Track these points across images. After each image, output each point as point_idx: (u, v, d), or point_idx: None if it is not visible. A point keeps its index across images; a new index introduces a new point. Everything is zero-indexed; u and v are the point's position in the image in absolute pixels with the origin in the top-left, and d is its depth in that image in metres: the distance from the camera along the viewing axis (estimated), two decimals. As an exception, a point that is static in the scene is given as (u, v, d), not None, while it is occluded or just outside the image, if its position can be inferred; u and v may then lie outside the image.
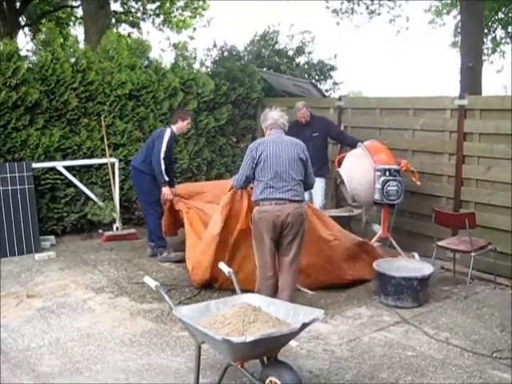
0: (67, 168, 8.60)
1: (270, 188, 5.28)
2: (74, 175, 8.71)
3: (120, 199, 9.01)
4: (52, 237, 8.54)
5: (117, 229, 8.85)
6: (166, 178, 7.37)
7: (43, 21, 19.07)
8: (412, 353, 4.94)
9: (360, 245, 6.52)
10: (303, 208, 5.46)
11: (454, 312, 5.87)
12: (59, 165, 8.51)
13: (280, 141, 5.47)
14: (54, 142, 8.49)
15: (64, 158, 8.68)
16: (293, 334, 3.75)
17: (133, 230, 8.88)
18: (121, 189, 9.11)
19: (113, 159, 8.92)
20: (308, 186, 5.65)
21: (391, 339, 5.21)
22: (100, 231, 8.92)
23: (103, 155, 8.90)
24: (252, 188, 5.61)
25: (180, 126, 7.74)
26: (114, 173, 8.89)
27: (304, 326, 3.68)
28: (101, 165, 8.97)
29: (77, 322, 5.57)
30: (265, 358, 3.94)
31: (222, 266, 4.89)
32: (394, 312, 5.84)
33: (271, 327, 3.74)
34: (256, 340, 3.45)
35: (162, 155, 7.36)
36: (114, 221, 8.86)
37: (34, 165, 8.21)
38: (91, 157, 8.89)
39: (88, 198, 8.86)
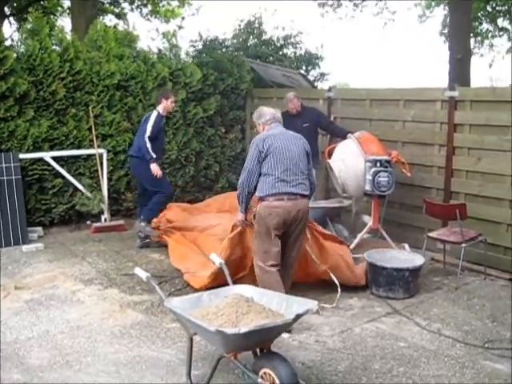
0: (55, 159, 8.50)
1: (281, 182, 5.09)
2: (62, 166, 8.61)
3: (108, 190, 8.93)
4: (40, 228, 8.46)
5: (105, 220, 8.78)
6: (153, 155, 7.58)
7: (29, 10, 18.86)
8: (404, 344, 4.93)
9: None
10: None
11: (445, 303, 5.87)
12: (47, 155, 8.41)
13: (286, 133, 5.35)
14: (42, 132, 8.39)
15: (51, 148, 8.57)
16: (286, 325, 3.73)
17: (121, 222, 8.82)
18: (109, 180, 9.02)
19: (101, 150, 8.83)
20: (311, 184, 5.37)
21: (383, 330, 5.20)
22: (88, 222, 8.83)
23: (91, 146, 8.81)
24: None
25: (165, 105, 7.89)
26: (102, 164, 8.81)
27: (298, 317, 3.64)
28: (89, 155, 8.88)
29: (66, 314, 5.51)
30: (258, 350, 3.91)
31: (214, 257, 4.84)
32: (386, 303, 5.82)
33: (265, 318, 3.70)
34: (250, 331, 3.41)
35: (148, 134, 7.58)
36: (102, 212, 8.78)
37: (22, 155, 8.11)
38: (79, 147, 8.80)
39: (76, 189, 8.76)
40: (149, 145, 7.56)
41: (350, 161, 7.04)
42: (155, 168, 7.59)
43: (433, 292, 6.19)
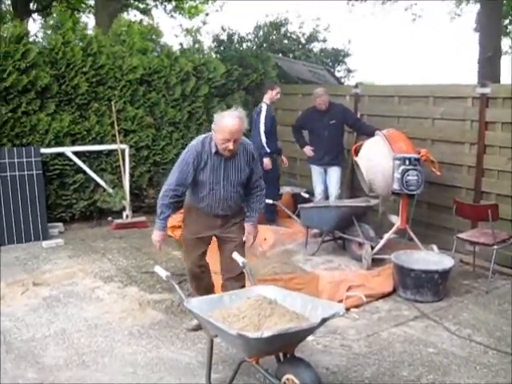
0: (76, 154, 8.41)
1: None
2: (84, 161, 8.52)
3: (130, 186, 8.81)
4: (60, 224, 8.37)
5: (126, 217, 8.66)
6: (268, 150, 8.00)
7: (54, 5, 18.85)
8: (433, 350, 4.72)
9: None
10: None
11: (476, 307, 5.64)
12: (68, 150, 8.32)
13: None
14: (64, 127, 8.30)
15: (73, 143, 8.49)
16: (312, 330, 3.54)
17: (143, 218, 8.70)
18: (131, 176, 8.91)
19: (123, 145, 8.72)
20: None
21: (411, 335, 4.99)
22: (109, 219, 8.73)
23: (113, 141, 8.70)
24: None
25: (270, 95, 8.29)
26: (124, 159, 8.69)
27: (323, 321, 3.45)
28: (111, 151, 8.77)
29: (84, 312, 5.40)
30: (281, 354, 3.73)
31: (236, 256, 4.67)
32: (414, 306, 5.62)
33: (289, 321, 3.52)
34: (273, 335, 3.23)
35: (263, 128, 8.00)
36: (123, 208, 8.67)
37: (43, 150, 8.02)
38: (101, 143, 8.69)
39: (97, 185, 8.67)
40: (264, 139, 7.96)
41: (377, 159, 6.83)
42: (267, 162, 7.91)
43: (462, 296, 5.96)
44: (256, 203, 4.87)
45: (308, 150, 8.08)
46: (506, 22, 19.07)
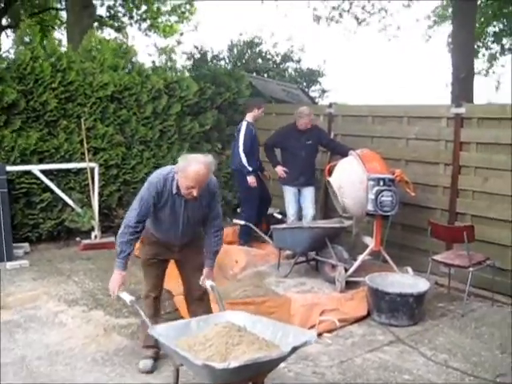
0: (44, 172, 8.16)
1: None
2: (51, 180, 8.27)
3: (99, 206, 8.58)
4: (26, 244, 8.09)
5: (95, 237, 8.41)
6: (250, 168, 7.93)
7: (23, 19, 18.67)
8: (409, 376, 4.57)
9: None
10: None
11: (452, 331, 5.51)
12: (35, 168, 8.08)
13: None
14: (31, 144, 8.06)
15: (41, 161, 8.24)
16: (282, 359, 3.37)
17: (112, 239, 8.44)
18: (100, 195, 8.67)
19: (92, 164, 8.49)
20: None
21: (386, 361, 4.84)
22: (77, 239, 8.48)
23: (82, 159, 8.47)
24: None
25: (255, 113, 8.26)
26: (93, 178, 8.47)
27: (294, 349, 3.29)
28: (80, 169, 8.54)
29: (46, 338, 5.15)
30: (250, 385, 3.55)
31: (204, 280, 4.49)
32: (388, 331, 5.46)
33: (257, 350, 3.35)
34: (240, 366, 3.06)
35: (241, 148, 7.93)
36: (92, 229, 8.43)
37: (8, 168, 7.77)
38: (70, 161, 8.46)
39: (65, 204, 8.42)
40: (244, 159, 7.90)
41: (351, 179, 6.72)
42: (252, 180, 7.91)
43: (438, 319, 5.82)
44: (214, 246, 4.59)
45: (280, 171, 7.93)
46: (479, 43, 19.26)
